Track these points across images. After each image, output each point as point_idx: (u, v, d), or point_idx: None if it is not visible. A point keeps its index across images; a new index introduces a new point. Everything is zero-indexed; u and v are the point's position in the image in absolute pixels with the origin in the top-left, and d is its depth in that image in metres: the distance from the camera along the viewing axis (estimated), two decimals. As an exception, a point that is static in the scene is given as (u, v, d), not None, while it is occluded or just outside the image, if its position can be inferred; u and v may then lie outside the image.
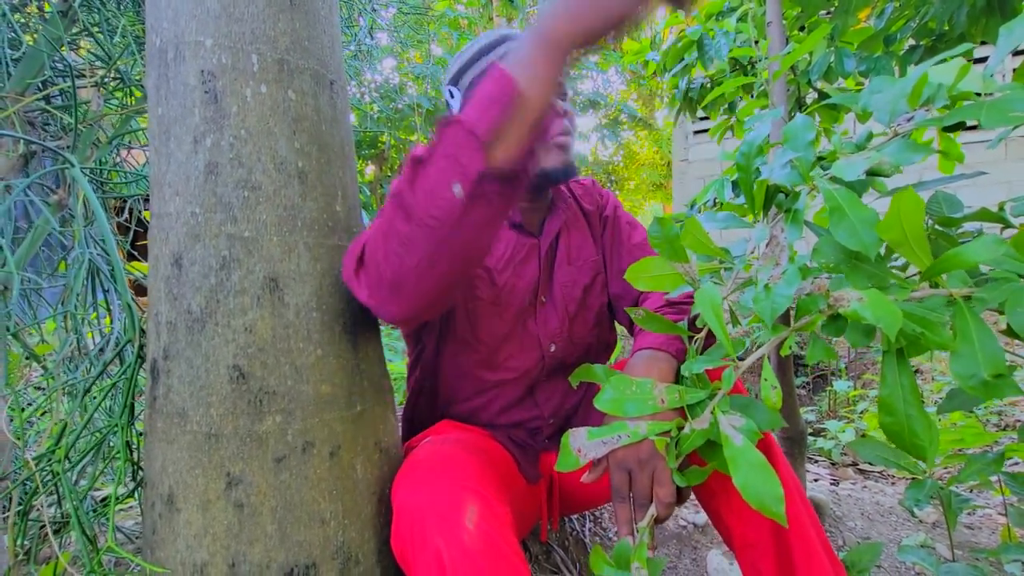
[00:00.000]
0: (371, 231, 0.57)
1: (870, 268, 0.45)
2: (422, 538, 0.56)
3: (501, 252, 0.83)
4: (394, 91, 3.96)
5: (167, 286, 0.61)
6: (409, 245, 0.51)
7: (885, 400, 0.40)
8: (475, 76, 0.82)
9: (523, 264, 0.85)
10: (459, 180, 0.48)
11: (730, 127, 1.43)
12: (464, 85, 0.83)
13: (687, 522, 1.24)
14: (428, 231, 0.50)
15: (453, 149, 0.48)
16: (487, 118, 0.47)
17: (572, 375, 0.67)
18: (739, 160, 0.51)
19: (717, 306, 0.44)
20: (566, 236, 0.90)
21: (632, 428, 0.53)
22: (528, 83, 0.47)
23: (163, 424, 0.61)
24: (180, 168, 0.61)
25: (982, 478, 0.65)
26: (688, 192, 4.68)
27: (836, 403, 2.63)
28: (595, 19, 0.46)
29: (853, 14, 1.06)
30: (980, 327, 0.39)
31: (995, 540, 1.26)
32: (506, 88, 0.47)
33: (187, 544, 0.59)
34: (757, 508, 0.40)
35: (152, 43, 0.63)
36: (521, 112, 0.47)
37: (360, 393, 0.67)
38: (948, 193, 0.71)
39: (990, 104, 0.44)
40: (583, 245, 0.91)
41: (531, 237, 0.86)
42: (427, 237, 0.50)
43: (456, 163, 0.48)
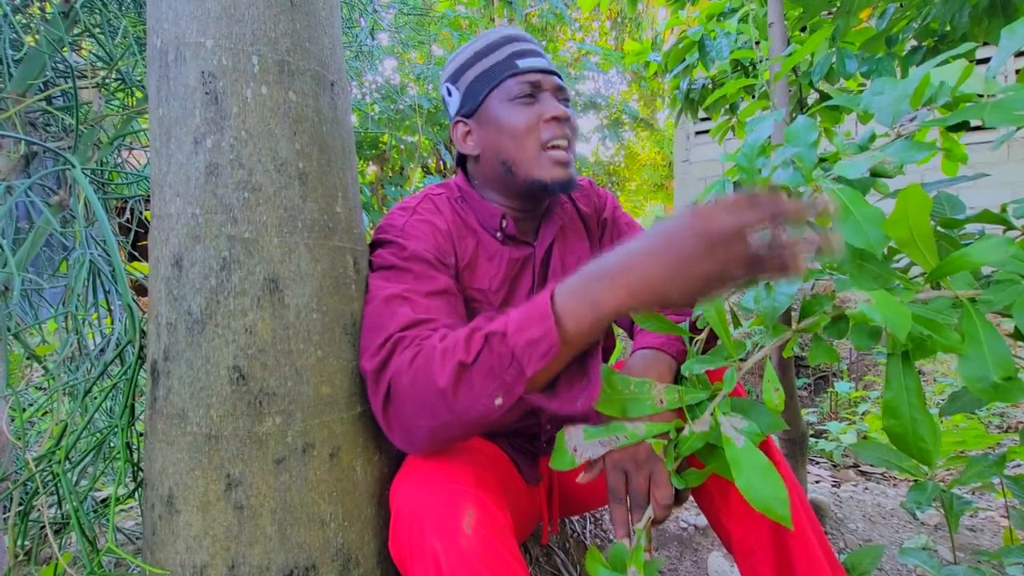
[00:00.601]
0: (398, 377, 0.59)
1: (875, 269, 0.44)
2: (420, 542, 0.55)
3: (495, 272, 0.81)
4: (395, 92, 3.96)
5: (167, 287, 0.61)
6: (448, 428, 0.58)
7: (889, 403, 0.40)
8: (475, 76, 0.81)
9: (518, 279, 0.83)
10: (502, 396, 0.54)
11: (731, 128, 1.43)
12: (464, 84, 0.82)
13: (688, 524, 1.23)
14: (465, 420, 0.56)
15: (502, 373, 0.53)
16: (535, 364, 0.52)
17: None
18: (741, 161, 0.50)
19: (719, 307, 0.43)
20: (561, 242, 0.88)
21: (630, 429, 0.53)
22: (570, 335, 0.52)
23: (163, 425, 0.61)
24: (180, 169, 0.61)
25: (983, 480, 0.65)
26: (689, 193, 4.68)
27: (837, 404, 2.63)
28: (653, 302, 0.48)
29: (855, 15, 1.06)
30: (988, 329, 0.38)
31: (997, 542, 1.26)
32: (550, 345, 0.51)
33: (187, 546, 0.59)
34: (761, 511, 0.40)
35: (153, 44, 0.63)
36: (563, 354, 0.53)
37: (360, 394, 0.67)
38: (951, 194, 0.71)
39: (994, 104, 0.44)
40: (578, 251, 0.89)
41: (525, 246, 0.85)
42: (465, 426, 0.57)
43: (502, 383, 0.54)
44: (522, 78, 0.78)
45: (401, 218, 0.76)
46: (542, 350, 0.51)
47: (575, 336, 0.52)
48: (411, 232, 0.74)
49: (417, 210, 0.78)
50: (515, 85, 0.78)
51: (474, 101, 0.81)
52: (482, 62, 0.81)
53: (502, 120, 0.78)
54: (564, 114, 0.77)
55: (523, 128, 0.76)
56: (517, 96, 0.77)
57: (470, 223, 0.82)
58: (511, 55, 0.80)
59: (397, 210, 0.79)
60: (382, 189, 4.56)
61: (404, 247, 0.71)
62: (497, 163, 0.79)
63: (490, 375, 0.54)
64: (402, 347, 0.61)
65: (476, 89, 0.81)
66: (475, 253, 0.80)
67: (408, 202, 0.81)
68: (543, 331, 0.52)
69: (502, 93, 0.78)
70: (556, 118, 0.76)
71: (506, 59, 0.80)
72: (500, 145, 0.78)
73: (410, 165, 4.81)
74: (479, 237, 0.81)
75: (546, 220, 0.87)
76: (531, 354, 0.52)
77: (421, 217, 0.77)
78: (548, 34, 6.11)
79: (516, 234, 0.83)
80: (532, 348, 0.52)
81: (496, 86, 0.79)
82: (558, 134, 0.77)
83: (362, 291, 0.70)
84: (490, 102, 0.79)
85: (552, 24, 5.89)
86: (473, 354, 0.55)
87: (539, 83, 0.78)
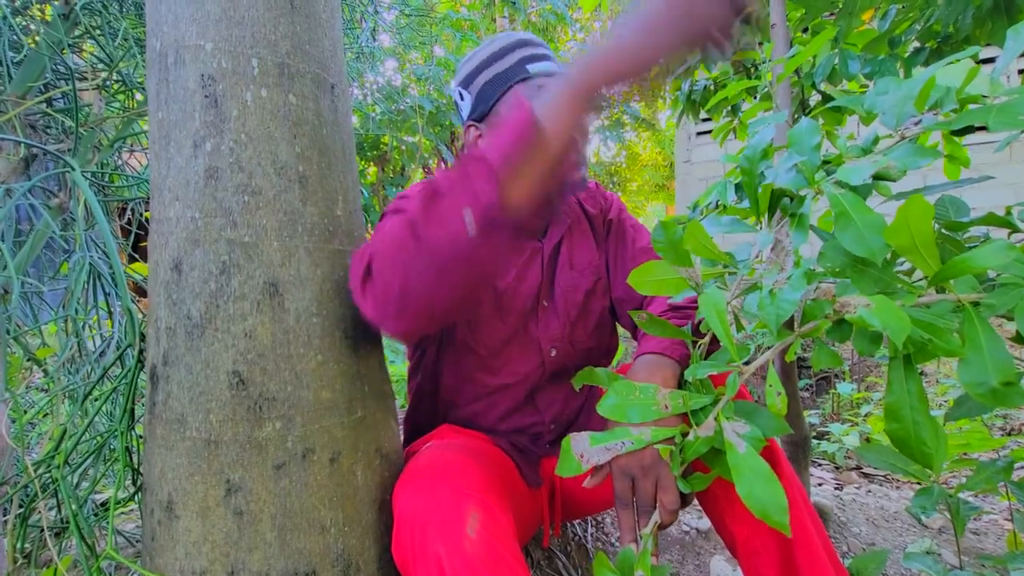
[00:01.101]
0: (378, 245, 0.56)
1: (876, 273, 0.44)
2: (423, 546, 0.55)
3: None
4: (396, 93, 3.96)
5: (167, 291, 0.61)
6: (417, 266, 0.51)
7: (891, 407, 0.40)
8: (486, 81, 0.81)
9: (525, 268, 0.84)
10: (470, 206, 0.47)
11: (733, 129, 1.42)
12: (476, 88, 0.82)
13: (690, 527, 1.23)
14: (436, 254, 0.50)
15: (467, 175, 0.47)
16: (502, 146, 0.46)
17: (575, 378, 0.66)
18: (743, 164, 0.50)
19: (721, 311, 0.43)
20: (568, 240, 0.89)
21: (636, 435, 0.52)
22: (548, 118, 0.47)
23: (162, 430, 0.61)
24: (180, 173, 0.60)
25: (991, 486, 0.65)
26: (691, 193, 4.67)
27: (840, 406, 2.62)
28: (622, 64, 0.46)
29: (857, 16, 1.06)
30: (989, 334, 0.38)
31: (1001, 546, 1.25)
32: (523, 119, 0.46)
33: (186, 551, 0.58)
34: (760, 517, 0.40)
35: (152, 47, 0.63)
36: (539, 148, 0.47)
37: (361, 399, 0.67)
38: (955, 197, 0.70)
39: (999, 108, 0.44)
40: (585, 249, 0.90)
41: (534, 240, 0.86)
42: (435, 260, 0.50)
43: (468, 189, 0.47)
44: (533, 82, 0.78)
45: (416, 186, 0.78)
46: (513, 132, 0.46)
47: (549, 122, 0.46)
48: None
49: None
50: (526, 90, 0.78)
51: (485, 106, 0.82)
52: (493, 67, 0.81)
53: None
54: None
55: None
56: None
57: None
58: (521, 60, 0.80)
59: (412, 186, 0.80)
60: (383, 190, 4.56)
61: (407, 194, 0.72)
62: None
63: (457, 184, 0.48)
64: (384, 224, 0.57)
65: (487, 94, 0.81)
66: None
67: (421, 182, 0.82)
68: (516, 116, 0.47)
69: (513, 97, 0.79)
70: None
71: (516, 64, 0.80)
72: None
73: (411, 166, 4.81)
74: None
75: (555, 220, 0.88)
76: (500, 142, 0.46)
77: None
78: (549, 34, 6.12)
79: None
80: (503, 134, 0.47)
81: (507, 91, 0.80)
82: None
83: (362, 294, 0.70)
84: (501, 107, 0.80)
85: (553, 25, 5.89)
86: (443, 176, 0.50)
87: None
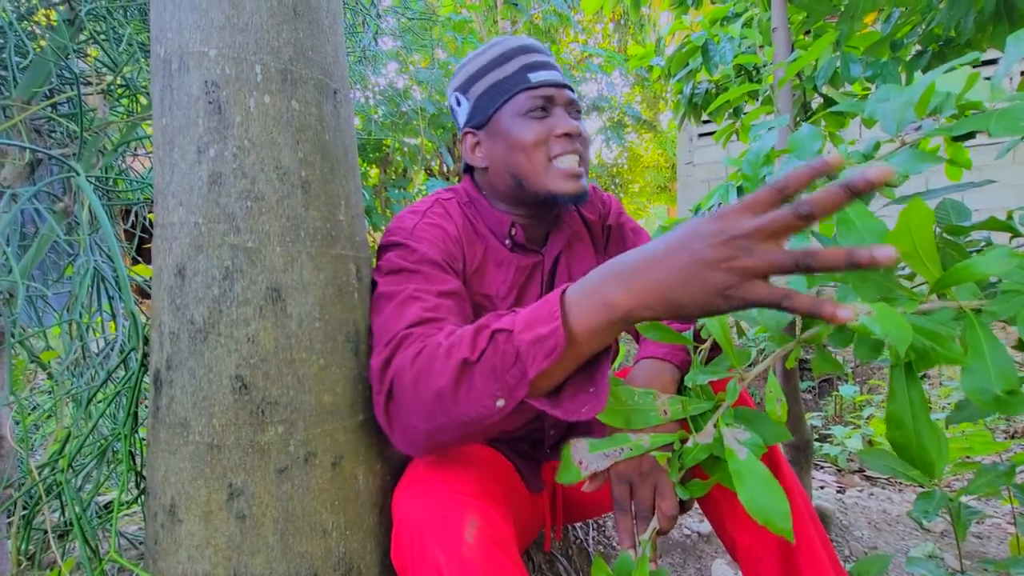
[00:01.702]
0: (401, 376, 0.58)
1: (878, 279, 0.44)
2: (422, 551, 0.55)
3: (503, 278, 0.80)
4: (398, 95, 3.97)
5: (170, 296, 0.61)
6: (447, 429, 0.56)
7: (893, 414, 0.40)
8: (485, 88, 0.80)
9: (526, 286, 0.83)
10: (504, 398, 0.52)
11: (735, 132, 1.43)
12: (474, 95, 0.81)
13: (691, 531, 1.23)
14: (465, 424, 0.55)
15: (504, 373, 0.51)
16: (538, 364, 0.49)
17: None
18: (746, 170, 0.50)
19: (722, 317, 0.43)
20: (568, 252, 0.87)
21: (634, 441, 0.53)
22: (577, 336, 0.49)
23: (166, 434, 0.61)
24: (184, 178, 0.61)
25: (993, 490, 0.65)
26: (692, 195, 4.67)
27: (842, 408, 2.61)
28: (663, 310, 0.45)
29: (859, 19, 1.06)
30: (991, 341, 0.38)
31: (1004, 550, 1.24)
32: (556, 343, 0.49)
33: (189, 555, 0.59)
34: (763, 524, 0.40)
35: (156, 54, 0.63)
36: (570, 357, 0.51)
37: (363, 403, 0.67)
38: (956, 201, 0.70)
39: (999, 114, 0.44)
40: (584, 260, 0.89)
41: (534, 253, 0.84)
42: (463, 426, 0.55)
43: (504, 385, 0.51)
44: (534, 92, 0.77)
45: (411, 220, 0.76)
46: (547, 349, 0.49)
47: (583, 337, 0.49)
48: (420, 235, 0.74)
49: (427, 214, 0.78)
50: (527, 100, 0.77)
51: (484, 113, 0.80)
52: (493, 73, 0.80)
53: (513, 135, 0.77)
54: (576, 130, 0.76)
55: (532, 143, 0.76)
56: (529, 111, 0.77)
57: (479, 229, 0.81)
58: (523, 67, 0.79)
59: (407, 212, 0.79)
60: (385, 192, 4.57)
61: (414, 250, 0.71)
62: (507, 176, 0.79)
63: (492, 375, 0.52)
64: (407, 344, 0.59)
65: (487, 101, 0.80)
66: (484, 259, 0.80)
67: (418, 206, 0.80)
68: (550, 329, 0.49)
69: (514, 107, 0.78)
70: (567, 134, 0.76)
71: (518, 71, 0.79)
72: (510, 159, 0.78)
73: (413, 168, 4.82)
74: (487, 243, 0.81)
75: (556, 228, 0.86)
76: (535, 353, 0.50)
77: (431, 221, 0.77)
78: (552, 36, 6.12)
79: (525, 242, 0.83)
80: (537, 347, 0.50)
81: (508, 100, 0.78)
82: (568, 149, 0.76)
83: (365, 300, 0.70)
84: (501, 115, 0.79)
85: (555, 26, 5.90)
86: (478, 352, 0.53)
87: (552, 97, 0.78)
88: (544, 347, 0.49)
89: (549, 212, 0.84)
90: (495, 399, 0.52)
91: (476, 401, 0.52)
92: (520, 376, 0.50)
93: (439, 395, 0.54)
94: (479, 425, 0.54)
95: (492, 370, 0.52)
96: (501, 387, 0.51)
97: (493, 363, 0.52)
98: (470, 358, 0.53)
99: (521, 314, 0.53)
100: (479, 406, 0.52)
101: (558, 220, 0.87)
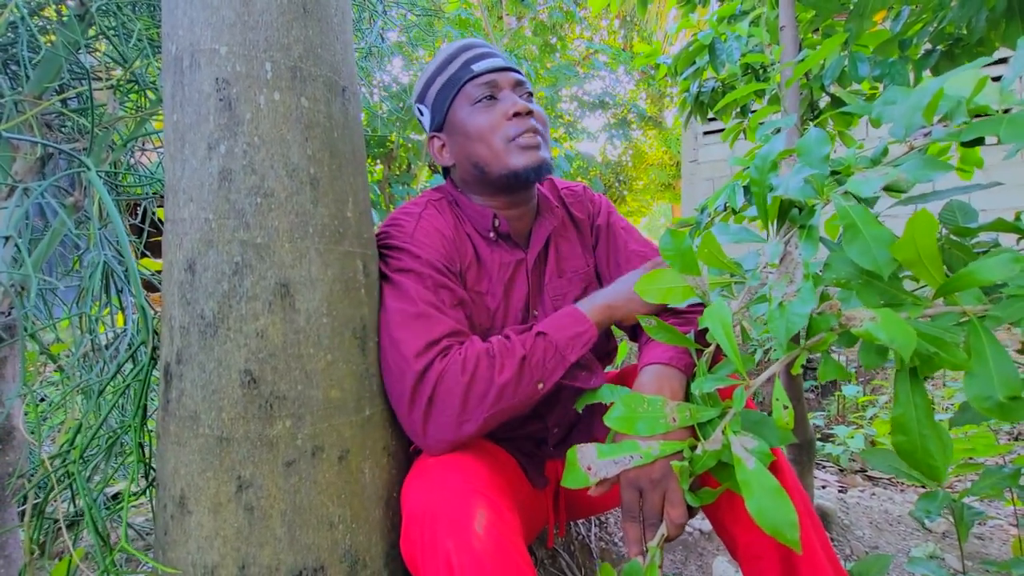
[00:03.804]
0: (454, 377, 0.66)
1: (882, 285, 0.44)
2: (432, 542, 0.56)
3: (489, 276, 0.82)
4: (403, 91, 3.97)
5: (180, 291, 0.62)
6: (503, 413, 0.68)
7: (898, 419, 0.40)
8: (438, 90, 0.83)
9: (512, 281, 0.83)
10: (544, 381, 0.69)
11: (742, 131, 1.42)
12: (430, 100, 0.84)
13: (693, 529, 1.23)
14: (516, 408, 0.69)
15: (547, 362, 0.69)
16: (577, 351, 0.70)
17: (577, 402, 0.70)
18: (753, 174, 0.50)
19: (727, 324, 0.43)
20: (555, 246, 0.88)
21: (644, 448, 0.53)
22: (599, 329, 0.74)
23: (175, 427, 0.62)
24: (194, 174, 0.61)
25: (997, 492, 0.65)
26: (696, 193, 4.65)
27: (845, 408, 2.61)
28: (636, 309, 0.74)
29: (868, 17, 1.05)
30: (995, 347, 0.38)
31: (1006, 551, 1.25)
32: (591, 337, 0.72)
33: (198, 546, 0.60)
34: (771, 534, 0.40)
35: (168, 51, 0.64)
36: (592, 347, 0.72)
37: (369, 398, 0.68)
38: (963, 202, 0.70)
39: (1010, 119, 0.44)
40: (572, 255, 0.89)
41: (518, 249, 0.85)
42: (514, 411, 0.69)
43: (544, 371, 0.69)
44: (478, 80, 0.80)
45: (409, 224, 0.77)
46: (584, 340, 0.71)
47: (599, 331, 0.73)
48: (421, 240, 0.75)
49: (423, 216, 0.79)
50: (473, 89, 0.80)
51: (441, 113, 0.83)
52: (442, 75, 0.83)
53: (468, 126, 0.80)
54: (525, 108, 0.78)
55: (487, 129, 0.78)
56: (477, 100, 0.79)
57: (466, 227, 0.83)
58: (466, 62, 0.82)
59: (402, 215, 0.80)
60: (389, 188, 4.57)
61: (418, 255, 0.73)
62: (470, 167, 0.81)
63: (538, 365, 0.68)
64: (449, 353, 0.68)
65: (440, 101, 0.83)
66: (472, 257, 0.81)
67: (412, 208, 0.81)
68: (584, 327, 0.71)
69: (463, 100, 0.80)
70: (517, 113, 0.78)
71: (462, 67, 0.82)
72: (469, 149, 0.80)
73: (417, 163, 4.82)
74: (474, 241, 0.83)
75: (537, 223, 0.87)
76: (574, 345, 0.70)
77: (428, 224, 0.78)
78: (557, 32, 6.09)
79: (510, 232, 0.84)
80: (575, 340, 0.70)
81: (456, 94, 0.81)
82: (522, 128, 0.78)
83: (372, 296, 0.71)
84: (454, 111, 0.81)
85: (561, 23, 5.87)
86: (529, 348, 0.69)
87: (496, 82, 0.80)
88: (582, 339, 0.71)
89: (522, 195, 0.85)
90: (537, 384, 0.68)
91: (527, 387, 0.68)
92: (559, 362, 0.69)
93: (506, 385, 0.66)
94: (523, 407, 0.69)
95: (539, 362, 0.69)
96: (543, 373, 0.69)
97: (539, 357, 0.69)
98: (526, 354, 0.68)
99: (545, 323, 0.72)
100: (528, 391, 0.68)
101: (539, 214, 0.88)
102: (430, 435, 0.67)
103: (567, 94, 7.23)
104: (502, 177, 0.79)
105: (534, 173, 0.78)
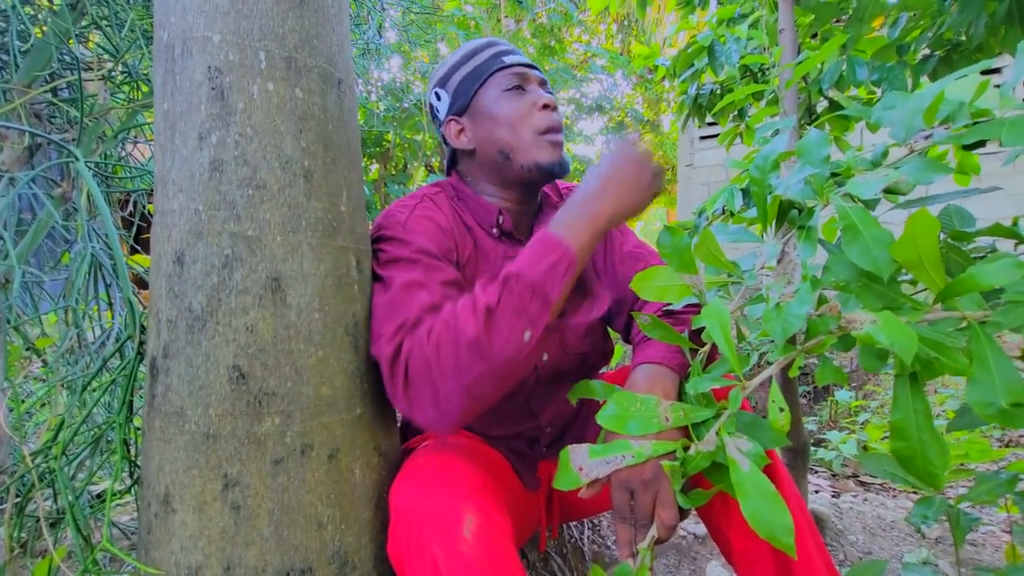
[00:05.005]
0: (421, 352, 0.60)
1: (882, 288, 0.44)
2: (419, 546, 0.55)
3: (490, 271, 0.81)
4: (400, 89, 3.96)
5: (168, 284, 0.61)
6: (485, 381, 0.59)
7: (898, 424, 0.39)
8: (463, 77, 0.83)
9: None
10: (530, 329, 0.59)
11: (739, 134, 1.42)
12: (452, 85, 0.84)
13: (686, 532, 1.23)
14: (505, 367, 0.59)
15: (527, 306, 0.59)
16: (558, 286, 0.60)
17: (571, 392, 0.67)
18: (754, 174, 0.50)
19: (725, 323, 0.43)
20: None
21: (636, 448, 0.52)
22: (580, 252, 0.62)
23: (161, 423, 0.60)
24: (184, 165, 0.60)
25: (993, 498, 0.64)
26: (692, 197, 4.66)
27: (837, 413, 2.62)
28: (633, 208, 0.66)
29: (867, 22, 1.05)
30: (997, 353, 0.38)
31: (999, 558, 1.25)
32: (570, 261, 0.61)
33: (182, 545, 0.58)
34: (766, 538, 0.40)
35: (159, 38, 0.63)
36: (573, 277, 0.62)
37: (360, 396, 0.67)
38: (960, 207, 0.70)
39: (1011, 122, 0.43)
40: None
41: (519, 244, 0.84)
42: (503, 370, 0.59)
43: (528, 317, 0.59)
44: (509, 71, 0.81)
45: (402, 214, 0.77)
46: (561, 270, 0.60)
47: (582, 253, 0.62)
48: (414, 227, 0.74)
49: (417, 208, 0.79)
50: (503, 78, 0.81)
51: (465, 98, 0.83)
52: (468, 63, 0.84)
53: (496, 111, 0.80)
54: (553, 101, 0.81)
55: (518, 116, 0.79)
56: (507, 88, 0.81)
57: (467, 221, 0.83)
58: (496, 54, 0.84)
59: (396, 207, 0.80)
60: (385, 187, 4.55)
61: (409, 242, 0.72)
62: (494, 152, 0.81)
63: (516, 312, 0.59)
64: (418, 327, 0.63)
65: (466, 87, 0.83)
66: (472, 252, 0.81)
67: (406, 201, 0.81)
68: (559, 255, 0.61)
69: (492, 87, 0.81)
70: (547, 105, 0.80)
71: (491, 57, 0.83)
72: (496, 135, 0.80)
73: (413, 163, 4.80)
74: (475, 236, 0.82)
75: (539, 220, 0.88)
76: (553, 279, 0.60)
77: (422, 214, 0.77)
78: (556, 35, 6.10)
79: (512, 230, 0.84)
80: (552, 272, 0.60)
81: (485, 81, 0.82)
82: (551, 122, 0.80)
83: (365, 292, 0.70)
84: (481, 97, 0.82)
85: (559, 25, 5.88)
86: (495, 297, 0.59)
87: (526, 75, 0.82)
88: (559, 270, 0.60)
89: (534, 191, 0.86)
90: (523, 333, 0.59)
91: (508, 339, 0.59)
92: (543, 303, 0.59)
93: (474, 344, 0.58)
94: (514, 363, 0.59)
95: (515, 309, 0.59)
96: (527, 320, 0.59)
97: (514, 303, 0.59)
98: (491, 304, 0.59)
99: (516, 261, 0.62)
100: (511, 344, 0.59)
101: (540, 211, 0.89)
102: (421, 418, 0.63)
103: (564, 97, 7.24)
104: (525, 168, 0.80)
105: (559, 168, 0.80)
